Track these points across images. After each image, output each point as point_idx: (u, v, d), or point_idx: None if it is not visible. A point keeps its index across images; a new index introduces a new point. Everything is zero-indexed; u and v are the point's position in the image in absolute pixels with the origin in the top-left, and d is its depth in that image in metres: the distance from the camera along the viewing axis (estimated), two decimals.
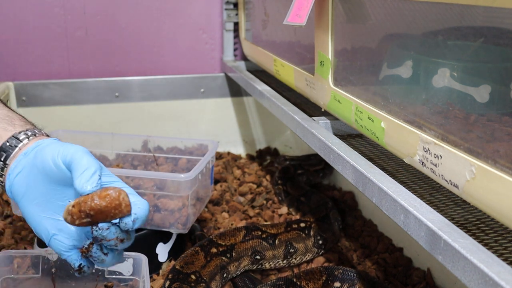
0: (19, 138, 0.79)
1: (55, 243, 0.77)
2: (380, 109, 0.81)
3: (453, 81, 0.66)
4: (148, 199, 1.18)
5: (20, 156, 0.77)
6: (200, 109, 1.84)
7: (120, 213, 0.69)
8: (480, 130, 0.61)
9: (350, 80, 0.93)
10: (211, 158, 1.27)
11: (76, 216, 0.68)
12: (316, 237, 1.25)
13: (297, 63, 1.18)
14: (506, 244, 0.62)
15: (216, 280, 1.12)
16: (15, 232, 1.32)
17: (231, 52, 1.81)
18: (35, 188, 0.76)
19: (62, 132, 1.41)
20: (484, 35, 0.61)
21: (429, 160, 0.67)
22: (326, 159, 0.94)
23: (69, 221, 0.69)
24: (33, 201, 0.76)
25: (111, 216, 0.68)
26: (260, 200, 1.52)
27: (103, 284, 1.04)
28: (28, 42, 1.67)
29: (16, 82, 1.68)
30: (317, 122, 1.04)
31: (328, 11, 0.94)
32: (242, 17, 1.67)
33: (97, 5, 1.69)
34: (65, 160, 0.72)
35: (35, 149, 0.77)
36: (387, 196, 0.71)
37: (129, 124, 1.77)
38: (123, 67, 1.77)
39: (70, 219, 0.68)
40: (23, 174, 0.77)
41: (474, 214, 0.69)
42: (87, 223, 0.68)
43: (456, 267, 0.56)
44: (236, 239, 1.18)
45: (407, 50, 0.77)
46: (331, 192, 1.59)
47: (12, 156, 0.78)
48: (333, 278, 1.07)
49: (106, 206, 0.67)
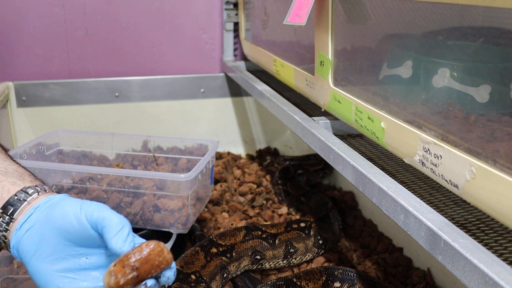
0: (28, 192, 0.74)
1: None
2: (380, 109, 0.81)
3: (453, 81, 0.66)
4: (148, 199, 1.18)
5: (30, 210, 0.72)
6: (200, 109, 1.84)
7: (164, 261, 0.67)
8: (480, 130, 0.61)
9: (350, 80, 0.93)
10: (211, 158, 1.27)
11: (121, 274, 0.64)
12: (316, 237, 1.25)
13: (297, 63, 1.18)
14: (506, 244, 0.62)
15: (216, 280, 1.12)
16: None
17: (231, 52, 1.81)
18: (48, 244, 0.70)
19: (62, 132, 1.41)
20: (484, 35, 0.61)
21: (429, 160, 0.67)
22: (326, 159, 0.94)
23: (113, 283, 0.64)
24: (45, 259, 0.70)
25: (156, 266, 0.66)
26: (260, 200, 1.52)
27: None
28: (28, 42, 1.67)
29: (16, 82, 1.68)
30: (317, 122, 1.04)
31: (328, 11, 0.94)
32: (242, 17, 1.67)
33: (97, 5, 1.69)
34: (90, 218, 0.68)
35: (48, 203, 0.72)
36: (387, 196, 0.71)
37: (129, 124, 1.77)
38: (123, 67, 1.77)
39: (114, 280, 0.64)
40: (34, 229, 0.71)
41: (474, 214, 0.69)
42: (133, 279, 0.65)
43: (456, 267, 0.56)
44: (236, 239, 1.18)
45: (407, 50, 0.77)
46: (331, 192, 1.59)
47: (20, 211, 0.72)
48: (333, 278, 1.07)
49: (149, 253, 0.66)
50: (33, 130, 1.70)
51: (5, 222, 0.72)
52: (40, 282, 0.71)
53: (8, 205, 0.73)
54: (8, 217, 0.72)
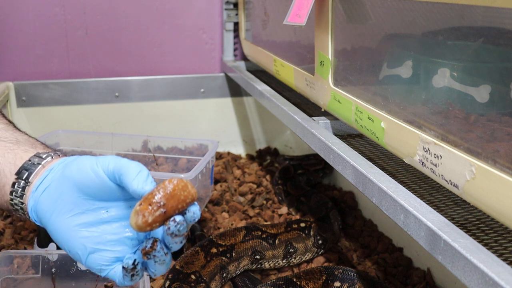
0: (42, 156, 0.74)
1: (95, 259, 0.70)
2: (380, 109, 0.81)
3: (453, 81, 0.66)
4: None
5: (46, 172, 0.72)
6: (200, 109, 1.84)
7: (189, 196, 0.65)
8: (480, 130, 0.61)
9: (350, 80, 0.93)
10: (211, 158, 1.27)
11: (148, 212, 0.62)
12: (316, 237, 1.25)
13: (297, 63, 1.18)
14: (506, 244, 0.62)
15: (216, 280, 1.12)
16: (15, 232, 1.32)
17: (231, 52, 1.81)
18: (67, 200, 0.70)
19: (62, 132, 1.41)
20: (484, 35, 0.61)
21: (429, 160, 0.67)
22: (326, 159, 0.94)
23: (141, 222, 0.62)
24: (65, 215, 0.70)
25: (182, 200, 0.64)
26: (260, 200, 1.52)
27: (103, 284, 1.04)
28: (28, 42, 1.67)
29: (16, 82, 1.68)
30: (317, 122, 1.04)
31: (328, 11, 0.94)
32: (242, 17, 1.67)
33: (97, 5, 1.69)
34: (107, 169, 0.68)
35: (63, 163, 0.72)
36: (387, 196, 0.71)
37: (129, 124, 1.77)
38: (123, 67, 1.77)
39: (141, 220, 0.62)
40: (51, 188, 0.71)
41: (474, 214, 0.69)
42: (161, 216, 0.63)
43: (456, 267, 0.56)
44: (236, 239, 1.18)
45: (407, 50, 0.77)
46: (331, 192, 1.59)
47: (35, 174, 0.72)
48: (333, 278, 1.07)
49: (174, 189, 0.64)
50: (33, 130, 1.70)
51: (20, 187, 0.72)
52: (62, 240, 0.70)
53: (22, 169, 0.72)
54: (23, 181, 0.72)
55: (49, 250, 1.03)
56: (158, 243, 0.67)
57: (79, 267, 1.03)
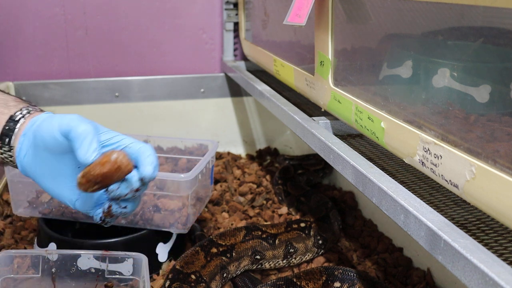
0: (16, 119, 0.80)
1: (80, 205, 0.81)
2: (380, 109, 0.81)
3: (453, 81, 0.66)
4: (148, 199, 1.18)
5: (21, 138, 0.80)
6: (200, 109, 1.84)
7: (123, 173, 0.75)
8: (480, 130, 0.61)
9: (350, 80, 0.93)
10: (211, 158, 1.27)
11: (87, 185, 0.74)
12: (316, 237, 1.25)
13: (297, 63, 1.18)
14: (506, 244, 0.62)
15: (216, 280, 1.12)
16: (15, 232, 1.32)
17: (231, 52, 1.81)
18: (44, 165, 0.79)
19: None
20: (484, 35, 0.61)
21: (429, 160, 0.67)
22: (326, 159, 0.94)
23: (83, 190, 0.75)
24: (47, 177, 0.80)
25: (117, 177, 0.75)
26: (260, 200, 1.52)
27: (103, 284, 1.04)
28: (28, 42, 1.67)
29: (16, 82, 1.68)
30: (317, 122, 1.04)
31: (328, 11, 0.94)
32: (242, 17, 1.67)
33: (97, 5, 1.69)
34: (63, 131, 0.75)
35: (32, 128, 0.79)
36: (387, 196, 0.71)
37: (129, 124, 1.77)
38: (123, 67, 1.77)
39: (83, 188, 0.74)
40: (28, 155, 0.80)
41: (474, 214, 0.69)
42: (99, 188, 0.75)
43: (456, 267, 0.56)
44: (236, 239, 1.18)
45: (407, 50, 0.77)
46: (331, 192, 1.59)
47: (14, 139, 0.80)
48: (333, 278, 1.07)
49: (108, 171, 0.73)
50: None
51: (7, 150, 0.81)
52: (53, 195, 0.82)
53: (2, 136, 0.80)
54: (7, 146, 0.81)
55: (49, 250, 1.03)
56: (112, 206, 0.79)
57: (79, 267, 1.03)
